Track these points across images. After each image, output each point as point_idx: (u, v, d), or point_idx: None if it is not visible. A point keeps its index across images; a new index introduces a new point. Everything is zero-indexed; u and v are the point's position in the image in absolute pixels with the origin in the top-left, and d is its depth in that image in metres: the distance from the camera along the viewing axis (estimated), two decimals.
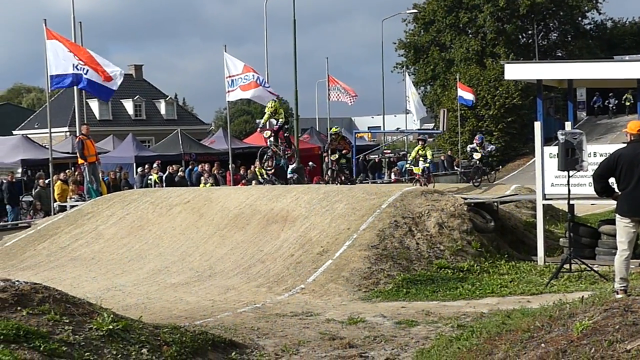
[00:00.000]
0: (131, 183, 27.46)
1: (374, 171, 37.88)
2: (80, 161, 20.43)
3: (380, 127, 57.05)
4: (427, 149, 23.32)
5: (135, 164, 32.31)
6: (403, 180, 30.53)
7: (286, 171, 20.26)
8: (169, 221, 16.51)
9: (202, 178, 26.83)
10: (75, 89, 22.92)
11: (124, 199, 18.51)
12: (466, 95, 39.91)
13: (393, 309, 10.60)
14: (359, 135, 44.40)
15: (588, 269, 12.27)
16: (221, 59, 23.51)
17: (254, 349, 8.37)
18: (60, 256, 15.91)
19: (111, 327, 6.95)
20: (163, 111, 60.05)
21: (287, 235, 14.26)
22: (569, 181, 12.26)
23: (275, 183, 19.35)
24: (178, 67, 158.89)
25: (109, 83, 19.44)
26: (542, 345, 5.98)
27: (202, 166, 28.71)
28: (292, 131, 32.11)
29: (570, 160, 11.98)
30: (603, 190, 8.82)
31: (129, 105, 57.84)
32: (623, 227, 8.52)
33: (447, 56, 53.53)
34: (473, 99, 40.77)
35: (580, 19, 54.98)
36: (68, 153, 32.29)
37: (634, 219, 8.44)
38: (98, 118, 53.89)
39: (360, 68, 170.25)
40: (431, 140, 55.70)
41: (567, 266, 12.26)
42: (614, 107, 46.75)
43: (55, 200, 21.06)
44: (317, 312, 10.48)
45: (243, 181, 26.25)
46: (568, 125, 14.90)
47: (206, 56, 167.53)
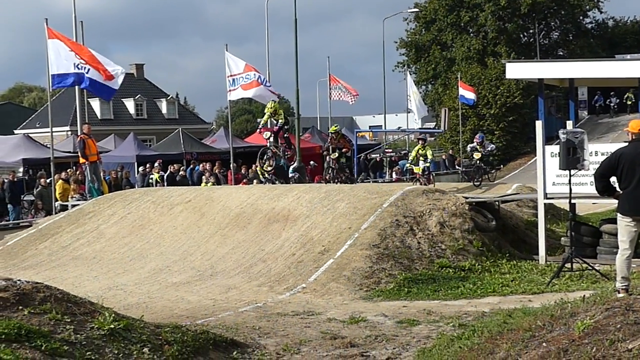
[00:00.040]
0: (132, 182, 27.50)
1: (375, 170, 37.88)
2: (81, 160, 20.43)
3: (381, 126, 57.03)
4: (427, 148, 23.32)
5: (136, 163, 32.32)
6: (404, 179, 30.51)
7: (286, 170, 20.25)
8: (170, 220, 16.51)
9: (203, 177, 26.84)
10: (77, 88, 22.94)
11: (125, 198, 18.52)
12: (467, 94, 39.92)
13: (394, 308, 10.60)
14: (360, 135, 44.44)
15: (589, 268, 12.27)
16: (222, 58, 23.52)
17: (255, 348, 8.38)
18: (62, 255, 15.92)
19: (112, 326, 6.96)
20: (164, 110, 60.07)
21: (289, 235, 14.26)
22: (570, 180, 12.26)
23: (276, 182, 19.36)
24: (179, 66, 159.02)
25: (111, 82, 19.46)
26: (544, 344, 5.98)
27: (203, 165, 28.72)
28: (293, 130, 32.10)
29: (571, 159, 11.98)
30: (604, 190, 8.82)
31: (130, 105, 57.86)
32: (624, 226, 8.51)
33: (449, 55, 53.50)
34: (474, 98, 40.78)
35: (581, 17, 54.92)
36: (69, 152, 32.30)
37: (635, 218, 8.43)
38: (99, 117, 53.93)
39: (362, 67, 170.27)
40: (432, 139, 55.72)
41: (568, 265, 12.26)
42: (615, 106, 46.73)
43: (56, 200, 21.08)
44: (318, 311, 10.48)
45: (244, 180, 26.25)
46: (569, 124, 14.91)
47: (207, 55, 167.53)
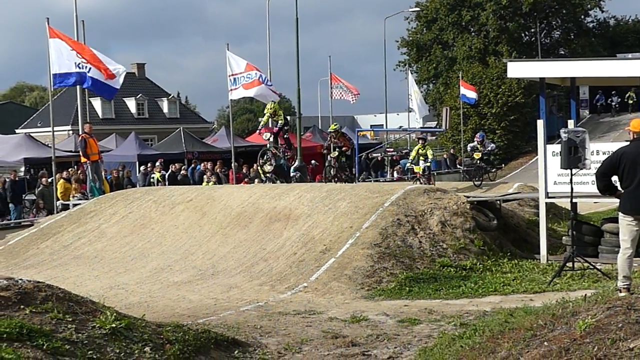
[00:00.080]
0: (134, 181, 27.52)
1: (376, 169, 37.86)
2: (83, 160, 20.43)
3: (382, 125, 57.00)
4: (427, 148, 23.35)
5: (137, 163, 32.32)
6: (406, 178, 30.50)
7: (286, 170, 20.21)
8: (171, 220, 16.51)
9: (204, 176, 26.84)
10: (78, 87, 22.95)
11: (126, 197, 18.52)
12: (469, 93, 39.93)
13: (396, 307, 10.60)
14: (361, 134, 44.43)
15: (591, 267, 12.26)
16: (223, 57, 23.49)
17: (256, 347, 8.38)
18: (63, 255, 15.93)
19: (114, 325, 6.96)
20: (166, 110, 60.10)
21: (290, 234, 14.25)
22: (571, 179, 12.24)
23: (276, 182, 19.32)
24: (180, 66, 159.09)
25: (112, 81, 19.46)
26: (545, 343, 5.97)
27: (204, 164, 28.73)
28: (294, 130, 32.07)
29: (573, 158, 11.97)
30: (606, 189, 8.81)
31: (131, 104, 57.89)
32: (626, 225, 8.50)
33: (450, 54, 53.48)
34: (476, 97, 40.78)
35: (583, 17, 54.88)
36: (71, 151, 32.33)
37: (636, 217, 8.42)
38: (101, 116, 53.97)
39: (363, 66, 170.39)
40: (434, 138, 55.69)
41: (570, 264, 12.25)
42: (616, 105, 46.67)
43: (58, 199, 21.09)
44: (319, 310, 10.48)
45: (246, 179, 26.27)
46: (571, 124, 14.88)
47: (208, 55, 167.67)
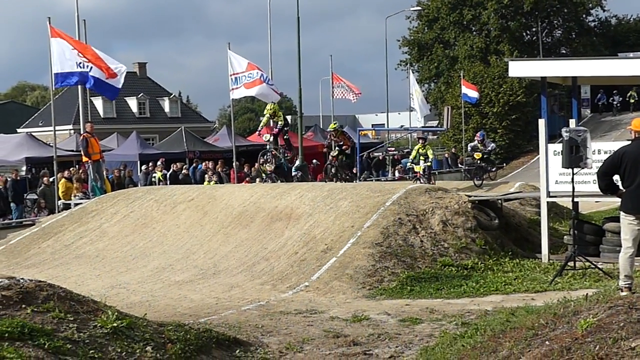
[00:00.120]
0: (135, 181, 27.52)
1: (377, 169, 37.85)
2: (84, 159, 20.44)
3: (384, 124, 56.98)
4: (427, 148, 23.39)
5: (139, 162, 32.33)
6: (407, 177, 30.49)
7: (287, 170, 20.18)
8: (173, 219, 16.52)
9: (206, 176, 26.83)
10: (80, 87, 22.96)
11: (128, 196, 18.53)
12: (470, 92, 39.91)
13: (397, 306, 10.60)
14: (362, 133, 44.42)
15: (592, 266, 12.26)
16: (225, 56, 23.48)
17: (258, 346, 8.38)
18: (65, 254, 15.94)
19: (115, 324, 6.96)
20: (167, 109, 60.10)
21: (291, 233, 14.26)
22: (573, 178, 12.24)
23: (277, 181, 19.28)
24: (182, 65, 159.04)
25: (114, 80, 19.47)
26: (547, 342, 5.97)
27: (206, 164, 28.72)
28: (295, 129, 32.07)
29: (574, 157, 11.96)
30: (607, 188, 8.80)
31: (133, 103, 57.90)
32: (627, 224, 8.50)
33: (451, 53, 53.44)
34: (477, 96, 40.76)
35: (584, 16, 54.84)
36: (72, 151, 32.36)
37: (638, 216, 8.42)
38: (102, 116, 53.98)
39: (364, 65, 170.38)
40: (435, 137, 55.64)
41: (571, 264, 12.25)
42: (618, 105, 46.63)
43: (59, 198, 21.10)
44: (321, 309, 10.48)
45: (247, 179, 26.26)
46: (572, 123, 14.89)
47: (210, 54, 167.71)
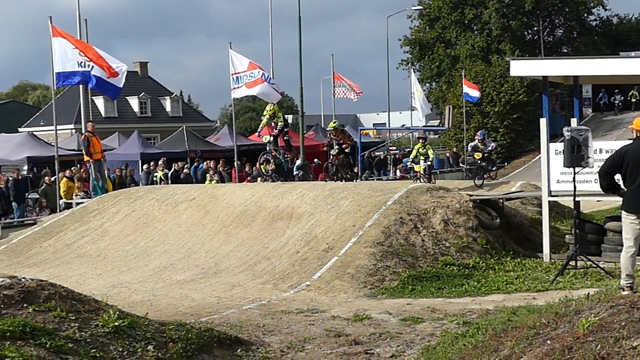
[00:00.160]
0: (137, 180, 27.53)
1: (379, 168, 37.86)
2: (86, 158, 20.46)
3: (385, 123, 57.03)
4: (428, 147, 23.41)
5: (140, 161, 32.34)
6: (408, 177, 30.51)
7: (287, 170, 20.12)
8: (174, 218, 16.53)
9: (207, 175, 26.84)
10: (81, 86, 22.95)
11: (129, 196, 18.54)
12: (472, 91, 39.90)
13: (398, 305, 10.60)
14: (364, 132, 44.44)
15: (594, 265, 12.25)
16: (226, 55, 23.47)
17: (259, 345, 8.39)
18: (66, 253, 15.96)
19: (117, 324, 6.96)
20: (168, 108, 60.12)
21: (293, 232, 14.26)
22: (574, 178, 12.24)
23: (276, 180, 19.22)
24: (183, 64, 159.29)
25: (115, 79, 19.46)
26: (548, 342, 5.97)
27: (207, 163, 28.73)
28: (297, 128, 32.04)
29: (576, 156, 11.96)
30: (609, 187, 8.80)
31: (134, 103, 57.93)
32: (629, 223, 8.49)
33: (453, 53, 53.41)
34: (478, 95, 40.74)
35: (585, 15, 54.81)
36: (74, 150, 32.37)
37: (639, 215, 8.42)
38: (103, 115, 53.99)
39: (366, 65, 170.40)
40: (436, 136, 55.59)
41: (572, 263, 12.24)
42: (619, 104, 46.58)
43: (61, 198, 21.11)
44: (322, 309, 10.49)
45: (248, 178, 26.27)
46: (574, 122, 14.88)
47: (211, 53, 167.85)
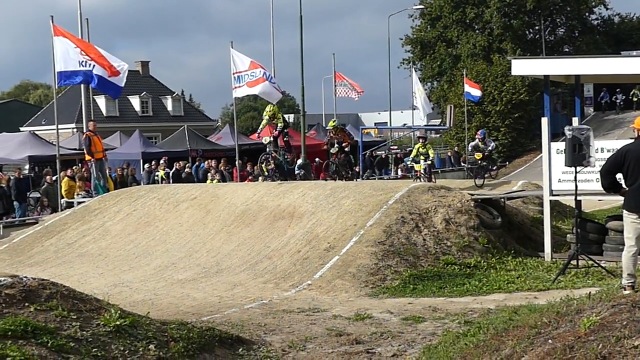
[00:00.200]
0: (138, 179, 27.54)
1: (380, 167, 37.87)
2: (87, 157, 20.46)
3: (386, 123, 57.03)
4: (428, 147, 23.41)
5: (142, 160, 32.36)
6: (410, 176, 30.53)
7: (286, 170, 20.04)
8: (175, 217, 16.53)
9: (208, 174, 26.85)
10: (82, 85, 22.95)
11: (131, 195, 18.54)
12: (473, 91, 39.93)
13: (400, 305, 10.59)
14: (365, 131, 44.47)
15: (595, 265, 12.24)
16: (228, 55, 23.46)
17: (260, 345, 8.38)
18: (68, 252, 15.96)
19: (118, 323, 6.97)
20: (170, 107, 60.15)
21: (294, 232, 14.25)
22: (576, 177, 12.23)
23: (276, 180, 19.16)
24: (185, 64, 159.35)
25: (116, 78, 19.46)
26: (549, 341, 5.97)
27: (208, 162, 28.73)
28: (298, 128, 32.03)
29: (577, 156, 11.95)
30: (610, 186, 8.80)
31: (135, 102, 57.95)
32: (630, 222, 8.49)
33: (454, 52, 53.41)
34: (480, 94, 40.76)
35: (587, 14, 54.82)
36: (75, 149, 32.39)
37: None
38: (105, 114, 54.02)
39: (367, 64, 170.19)
40: (438, 136, 55.56)
41: (574, 262, 12.24)
42: (621, 103, 46.58)
43: (62, 197, 21.12)
44: (323, 308, 10.48)
45: (250, 177, 26.28)
46: (575, 121, 14.85)
47: (213, 52, 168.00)
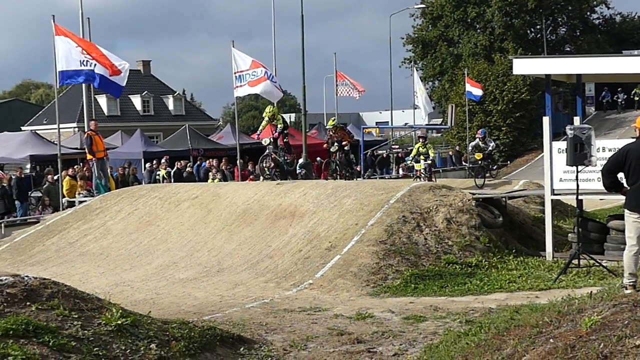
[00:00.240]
0: (139, 178, 27.56)
1: (381, 166, 37.87)
2: (88, 157, 20.46)
3: (388, 122, 57.03)
4: (428, 147, 23.39)
5: (143, 160, 32.37)
6: (411, 175, 30.55)
7: (286, 171, 20.01)
8: (177, 217, 16.53)
9: (210, 173, 26.86)
10: (84, 85, 22.96)
11: (132, 194, 18.54)
12: (474, 90, 39.92)
13: (401, 304, 10.59)
14: (366, 131, 44.39)
15: (597, 264, 12.24)
16: (229, 54, 23.44)
17: (262, 344, 8.38)
18: (69, 251, 15.96)
19: (120, 322, 6.97)
20: (171, 107, 60.15)
21: (295, 231, 14.25)
22: (577, 176, 12.22)
23: (276, 179, 19.13)
24: (186, 63, 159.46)
25: (118, 77, 19.45)
26: (551, 340, 5.97)
27: (210, 162, 28.75)
28: (299, 127, 32.01)
29: (578, 155, 11.95)
30: (612, 186, 8.80)
31: (137, 101, 57.96)
32: (632, 222, 8.49)
33: (455, 51, 53.38)
34: (481, 94, 40.75)
35: (588, 13, 54.79)
36: (76, 149, 32.40)
37: None
38: (106, 114, 54.04)
39: (368, 63, 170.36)
40: (439, 135, 55.50)
41: (575, 261, 12.24)
42: (622, 102, 46.59)
43: (63, 196, 21.12)
44: (325, 307, 10.48)
45: (251, 177, 26.27)
46: (577, 120, 14.86)
47: (214, 52, 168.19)
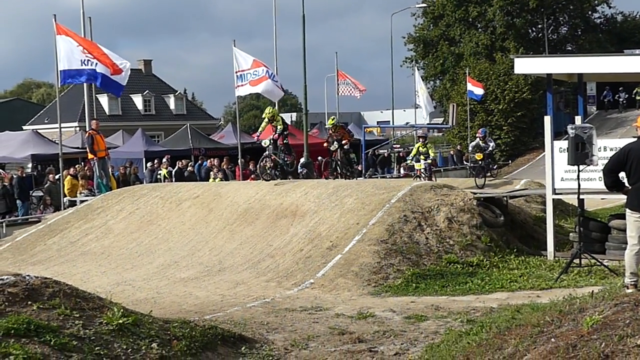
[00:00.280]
0: (141, 178, 27.56)
1: (383, 166, 37.87)
2: (90, 156, 20.46)
3: (389, 121, 57.00)
4: (428, 147, 23.37)
5: (144, 159, 32.37)
6: (412, 175, 30.54)
7: (286, 171, 19.98)
8: (178, 216, 16.54)
9: (211, 173, 26.86)
10: (85, 84, 22.98)
11: (133, 193, 18.56)
12: (476, 89, 39.88)
13: (402, 303, 10.60)
14: (368, 130, 44.40)
15: (598, 263, 12.24)
16: (230, 53, 23.44)
17: (263, 343, 8.39)
18: (70, 251, 15.98)
19: (121, 321, 6.97)
20: (172, 106, 60.17)
21: (297, 230, 14.26)
22: (579, 176, 12.22)
23: (276, 178, 19.11)
24: (187, 62, 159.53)
25: (119, 77, 19.45)
26: (552, 340, 5.97)
27: (211, 161, 28.75)
28: (300, 126, 32.02)
29: (580, 154, 11.94)
30: (613, 185, 8.79)
31: (138, 100, 57.98)
32: (633, 221, 8.47)
33: (457, 50, 53.35)
34: (482, 93, 40.71)
35: (590, 12, 54.75)
36: (78, 148, 32.39)
37: None
38: (107, 113, 54.06)
39: (370, 62, 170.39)
40: (440, 134, 55.48)
41: (577, 261, 12.24)
42: (624, 102, 46.57)
43: (65, 195, 21.14)
44: (326, 306, 10.49)
45: (252, 176, 26.26)
46: (578, 120, 14.89)
47: (215, 51, 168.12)
